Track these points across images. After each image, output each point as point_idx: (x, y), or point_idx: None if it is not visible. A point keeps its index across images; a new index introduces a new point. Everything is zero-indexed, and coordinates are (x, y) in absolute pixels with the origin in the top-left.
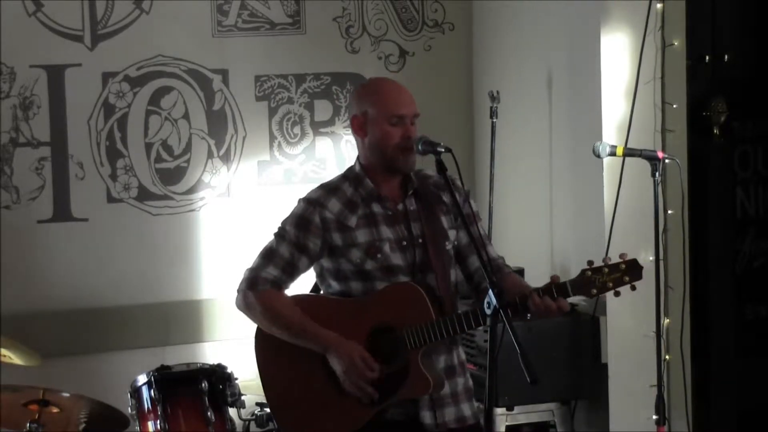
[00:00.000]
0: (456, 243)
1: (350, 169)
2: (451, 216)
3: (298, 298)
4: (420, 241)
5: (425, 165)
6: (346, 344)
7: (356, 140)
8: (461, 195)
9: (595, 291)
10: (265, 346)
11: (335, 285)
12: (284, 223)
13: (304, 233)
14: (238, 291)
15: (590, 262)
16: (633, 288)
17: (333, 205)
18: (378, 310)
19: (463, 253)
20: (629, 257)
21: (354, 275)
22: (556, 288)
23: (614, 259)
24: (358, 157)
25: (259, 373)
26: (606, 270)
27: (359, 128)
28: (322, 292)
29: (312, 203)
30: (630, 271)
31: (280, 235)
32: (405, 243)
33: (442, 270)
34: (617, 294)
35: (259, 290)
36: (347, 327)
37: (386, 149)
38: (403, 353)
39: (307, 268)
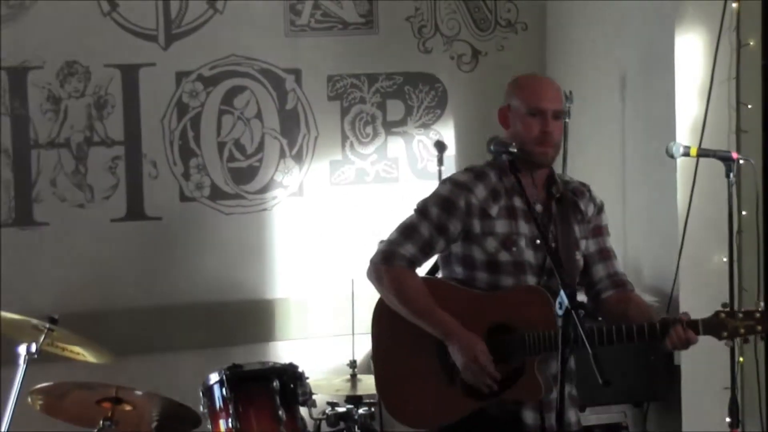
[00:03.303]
0: (585, 252)
1: (497, 158)
2: (584, 226)
3: (427, 281)
4: (554, 245)
5: None
6: (469, 337)
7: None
8: (596, 206)
9: (726, 334)
10: (383, 319)
11: (460, 271)
12: (426, 202)
13: (447, 215)
14: (372, 262)
15: (725, 305)
16: (763, 338)
17: (480, 191)
18: (502, 307)
19: (588, 262)
20: (764, 307)
21: (483, 265)
22: (687, 324)
23: (748, 305)
24: None
25: (372, 343)
26: (740, 316)
27: (503, 120)
28: (440, 274)
29: (460, 186)
30: (765, 321)
31: (422, 213)
32: (538, 242)
33: (571, 276)
34: (746, 341)
35: (394, 266)
36: (468, 318)
37: (525, 141)
38: (520, 355)
39: (441, 251)
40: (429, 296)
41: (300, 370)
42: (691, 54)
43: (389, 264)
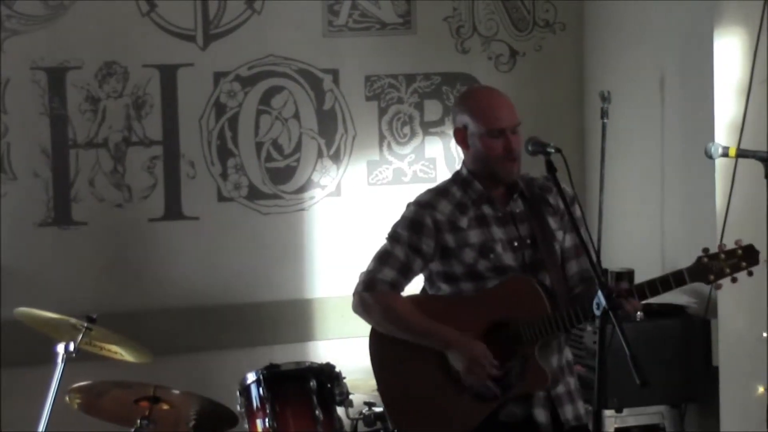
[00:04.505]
0: (561, 245)
1: (458, 174)
2: (558, 217)
3: (413, 298)
4: (529, 241)
5: (535, 164)
6: (468, 342)
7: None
8: (568, 197)
9: (712, 277)
10: (380, 345)
11: (445, 287)
12: (396, 226)
13: (418, 235)
14: (355, 294)
15: (705, 249)
16: (750, 274)
17: (444, 207)
18: (493, 305)
19: (563, 257)
20: (744, 243)
21: (465, 276)
22: (674, 276)
23: (729, 245)
24: (464, 163)
25: (374, 371)
26: (722, 256)
27: (462, 141)
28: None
29: (423, 206)
30: (747, 256)
31: (394, 238)
32: (516, 244)
33: (555, 267)
34: (734, 280)
35: (377, 291)
36: (463, 324)
37: (489, 161)
38: (519, 348)
39: (420, 271)
40: (419, 312)
41: (337, 369)
42: (730, 54)
43: (371, 290)
